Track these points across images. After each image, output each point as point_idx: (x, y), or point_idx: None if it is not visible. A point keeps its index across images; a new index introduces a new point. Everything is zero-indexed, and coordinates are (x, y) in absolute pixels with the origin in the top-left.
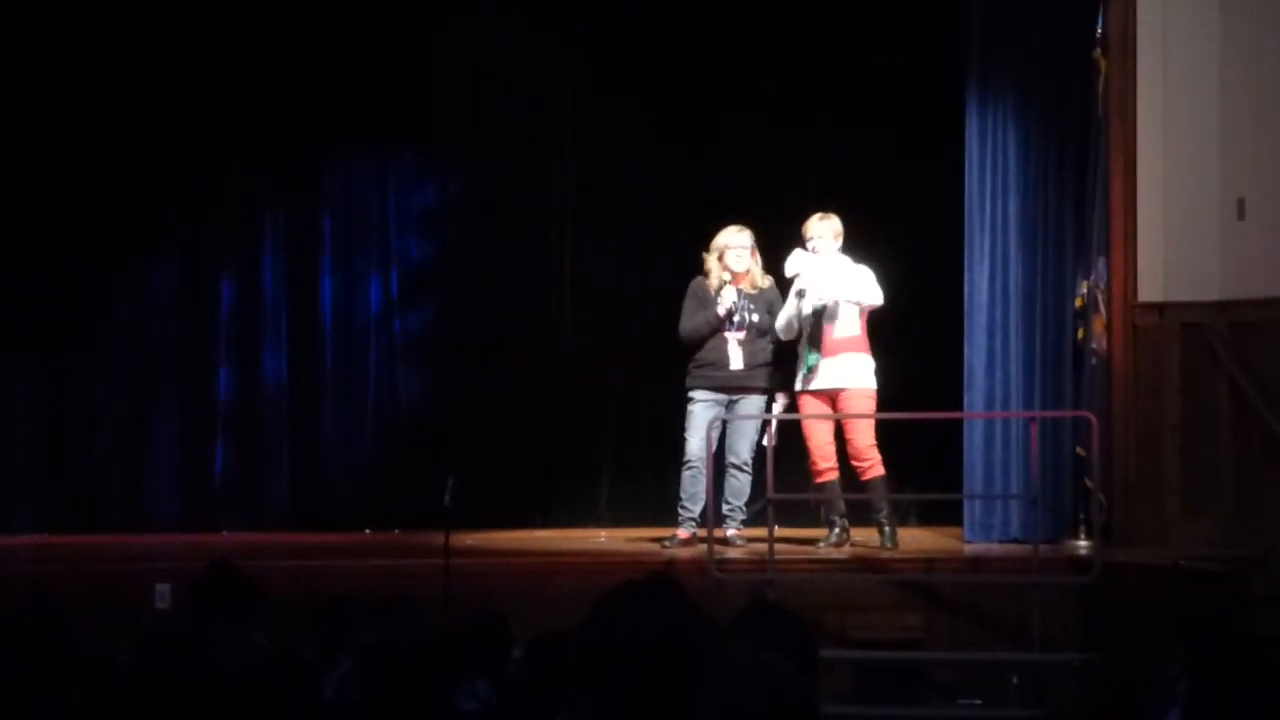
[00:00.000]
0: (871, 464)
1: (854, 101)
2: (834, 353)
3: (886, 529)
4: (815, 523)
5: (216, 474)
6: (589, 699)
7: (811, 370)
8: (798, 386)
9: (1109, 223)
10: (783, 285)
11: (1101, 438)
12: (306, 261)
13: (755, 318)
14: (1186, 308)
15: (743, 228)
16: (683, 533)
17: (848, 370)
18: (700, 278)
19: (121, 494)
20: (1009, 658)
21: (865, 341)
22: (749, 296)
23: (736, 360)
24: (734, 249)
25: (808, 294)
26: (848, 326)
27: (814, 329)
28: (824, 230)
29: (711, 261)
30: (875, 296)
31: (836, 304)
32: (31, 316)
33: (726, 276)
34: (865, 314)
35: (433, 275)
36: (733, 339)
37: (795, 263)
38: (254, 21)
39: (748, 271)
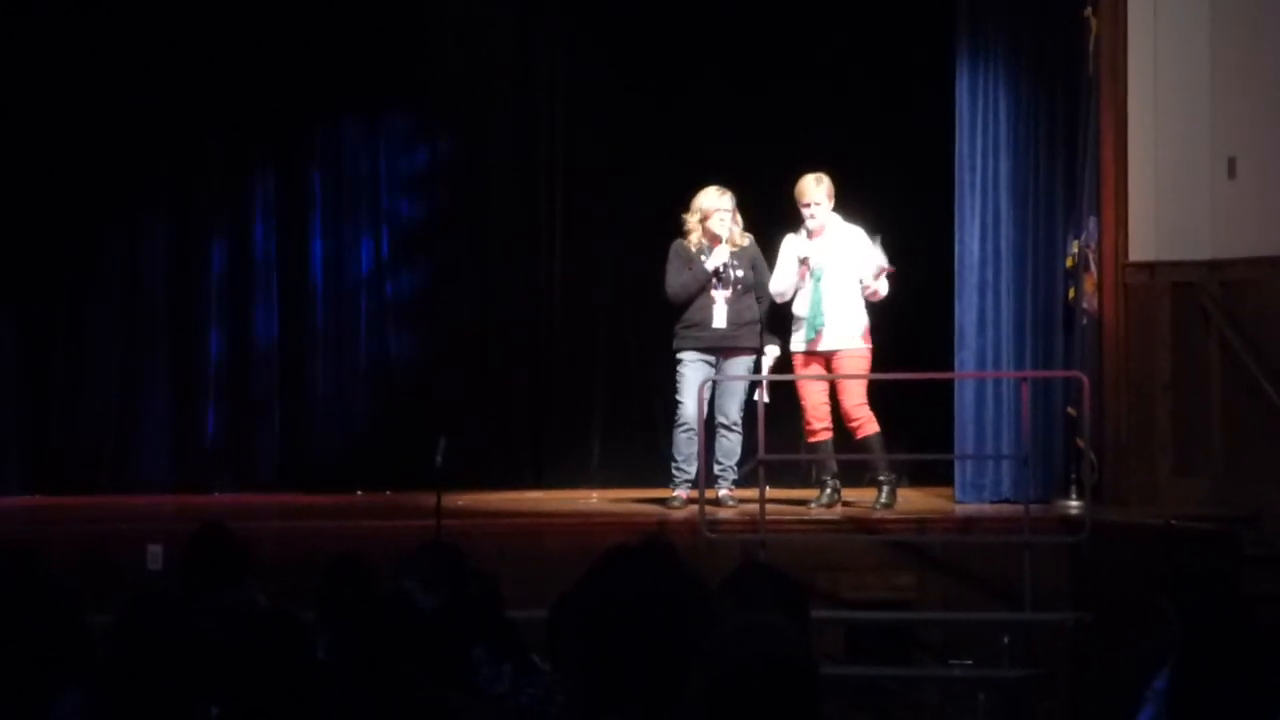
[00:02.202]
0: (861, 422)
1: (843, 60)
2: (831, 315)
3: (885, 488)
4: (807, 483)
5: (208, 435)
6: (584, 662)
7: (817, 333)
8: (794, 347)
9: (1100, 182)
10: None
11: (1092, 397)
12: (297, 222)
13: (740, 273)
14: (1177, 267)
15: (724, 189)
16: (683, 493)
17: (843, 331)
18: (680, 239)
19: (112, 455)
20: (1000, 618)
21: (861, 303)
22: (732, 254)
23: (721, 319)
24: (719, 212)
25: (822, 277)
26: (845, 289)
27: (813, 292)
28: (820, 195)
29: (693, 222)
30: (883, 286)
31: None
32: (18, 274)
33: (715, 239)
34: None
35: (423, 237)
36: (720, 298)
37: (801, 247)
38: None
39: (730, 234)
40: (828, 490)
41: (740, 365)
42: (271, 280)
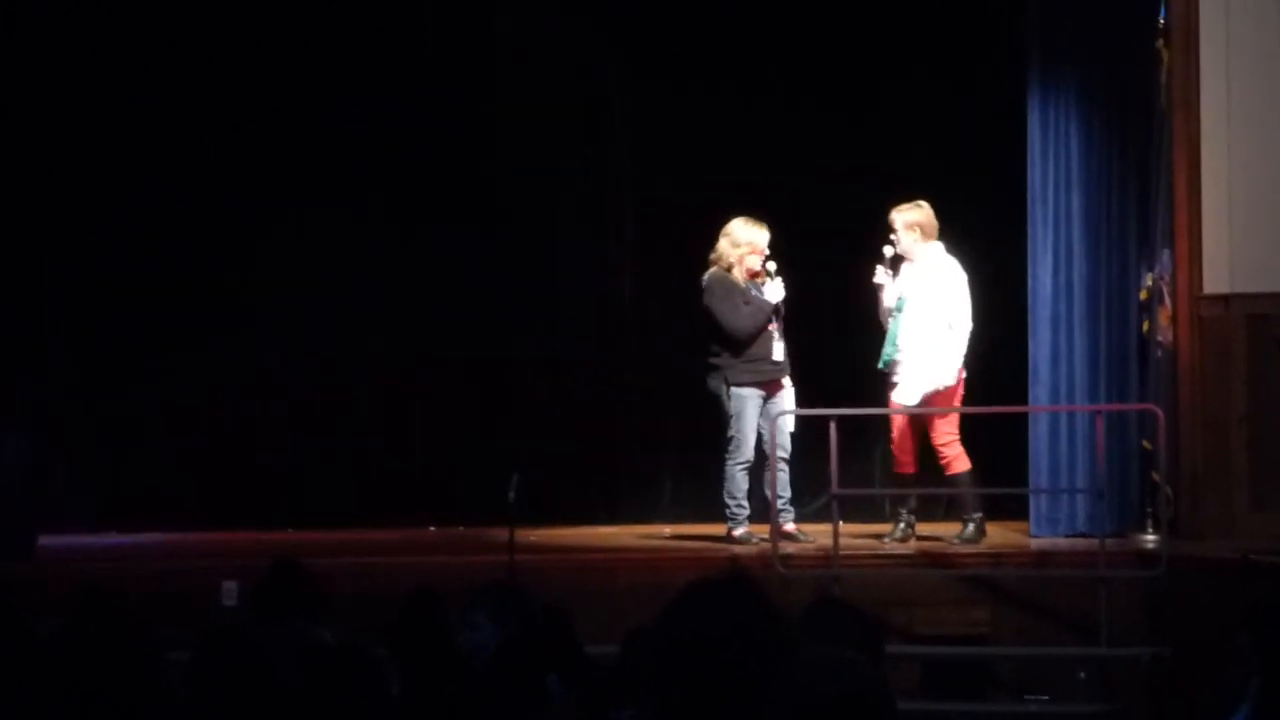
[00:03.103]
0: (950, 459)
1: (916, 93)
2: (906, 348)
3: (969, 525)
4: (880, 518)
5: (282, 471)
6: (665, 694)
7: (889, 365)
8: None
9: (1173, 214)
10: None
11: (1168, 430)
12: (361, 251)
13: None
14: (1252, 299)
15: (762, 223)
16: (745, 530)
17: (919, 366)
18: (719, 271)
19: (187, 491)
20: (1076, 653)
21: (945, 337)
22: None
23: (779, 352)
24: (761, 248)
25: (903, 308)
26: (924, 323)
27: (892, 323)
28: (898, 223)
29: (737, 255)
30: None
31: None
32: (94, 311)
33: (771, 267)
34: None
35: (493, 270)
36: (775, 330)
37: (878, 273)
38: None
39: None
40: (901, 525)
41: (789, 397)
42: (346, 318)
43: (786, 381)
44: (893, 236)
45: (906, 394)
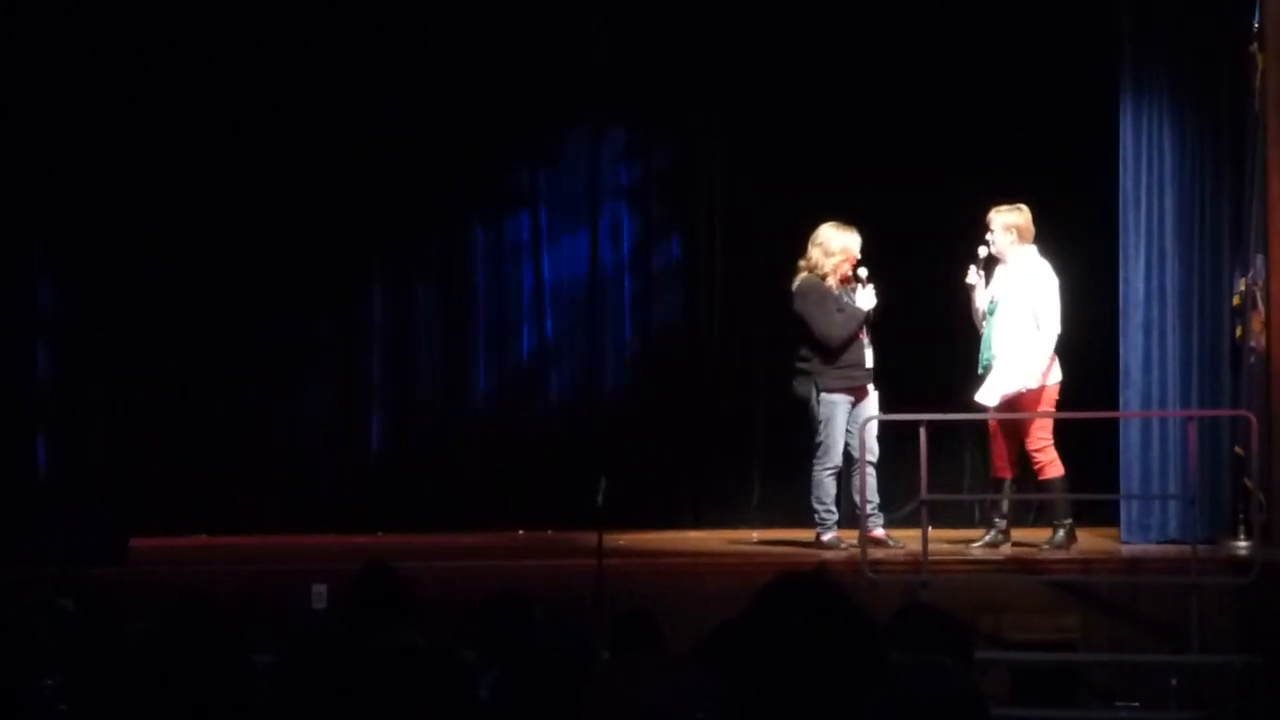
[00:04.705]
0: (1043, 465)
1: (1008, 97)
2: (1001, 352)
3: (1060, 531)
4: (970, 523)
5: (373, 475)
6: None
7: (985, 369)
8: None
9: (1267, 219)
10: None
11: (1261, 437)
12: (456, 259)
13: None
14: None
15: (851, 227)
16: (835, 535)
17: (1015, 370)
18: (813, 278)
19: (278, 494)
20: (1167, 660)
21: (1040, 340)
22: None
23: (869, 359)
24: (855, 253)
25: (995, 311)
26: (1019, 326)
27: (987, 327)
28: (996, 224)
29: (831, 263)
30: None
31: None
32: (189, 313)
33: (863, 273)
34: None
35: (581, 273)
36: (865, 338)
37: (970, 274)
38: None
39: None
40: (993, 531)
41: (875, 401)
42: (433, 322)
43: (871, 387)
44: (989, 237)
45: (987, 395)
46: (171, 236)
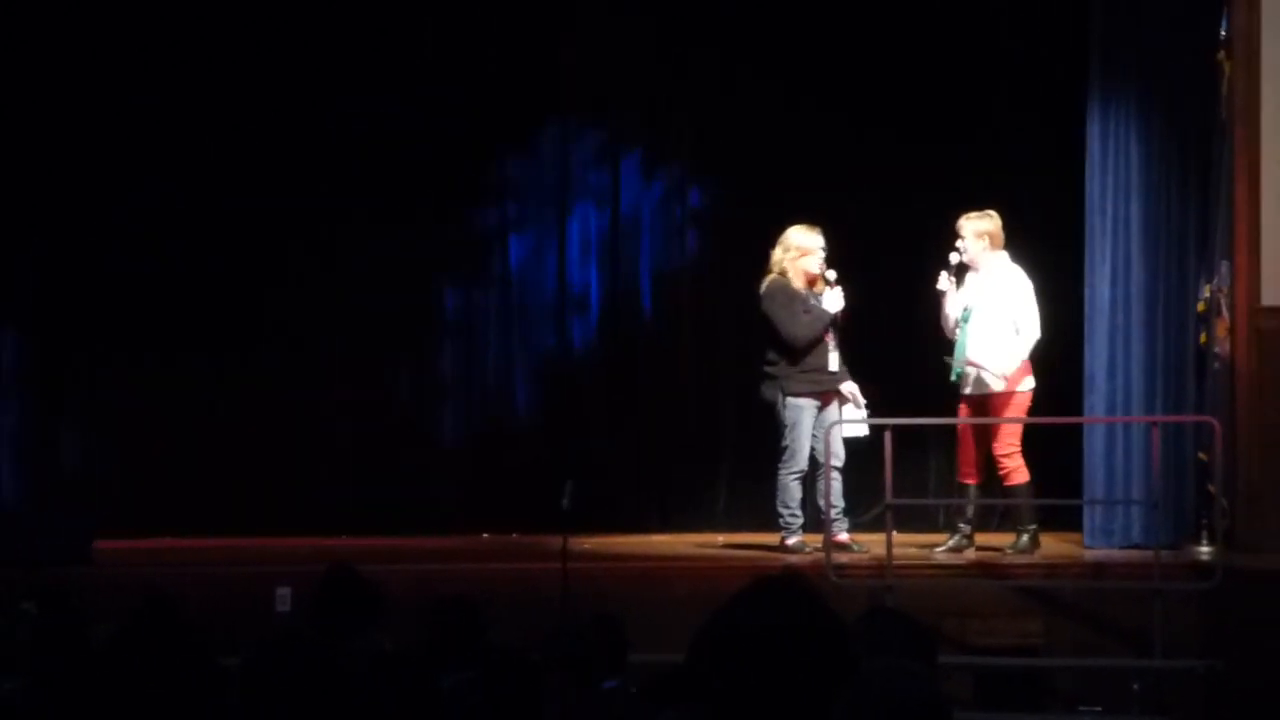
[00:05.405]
0: (1009, 470)
1: (974, 104)
2: (975, 358)
3: (1024, 536)
4: (935, 528)
5: (336, 477)
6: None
7: (960, 376)
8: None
9: (1232, 226)
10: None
11: (1224, 442)
12: (420, 262)
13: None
14: None
15: (815, 227)
16: (809, 538)
17: (988, 375)
18: (780, 280)
19: (243, 496)
20: (1130, 664)
21: (1014, 346)
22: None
23: (834, 362)
24: (817, 251)
25: (969, 318)
26: (993, 332)
27: (960, 333)
28: (966, 230)
29: (788, 260)
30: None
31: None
32: (158, 315)
33: (830, 275)
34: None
35: (548, 276)
36: (831, 341)
37: (941, 280)
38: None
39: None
40: (957, 535)
41: (837, 407)
42: (397, 325)
43: (852, 390)
44: (959, 244)
45: (1007, 392)
46: (125, 236)
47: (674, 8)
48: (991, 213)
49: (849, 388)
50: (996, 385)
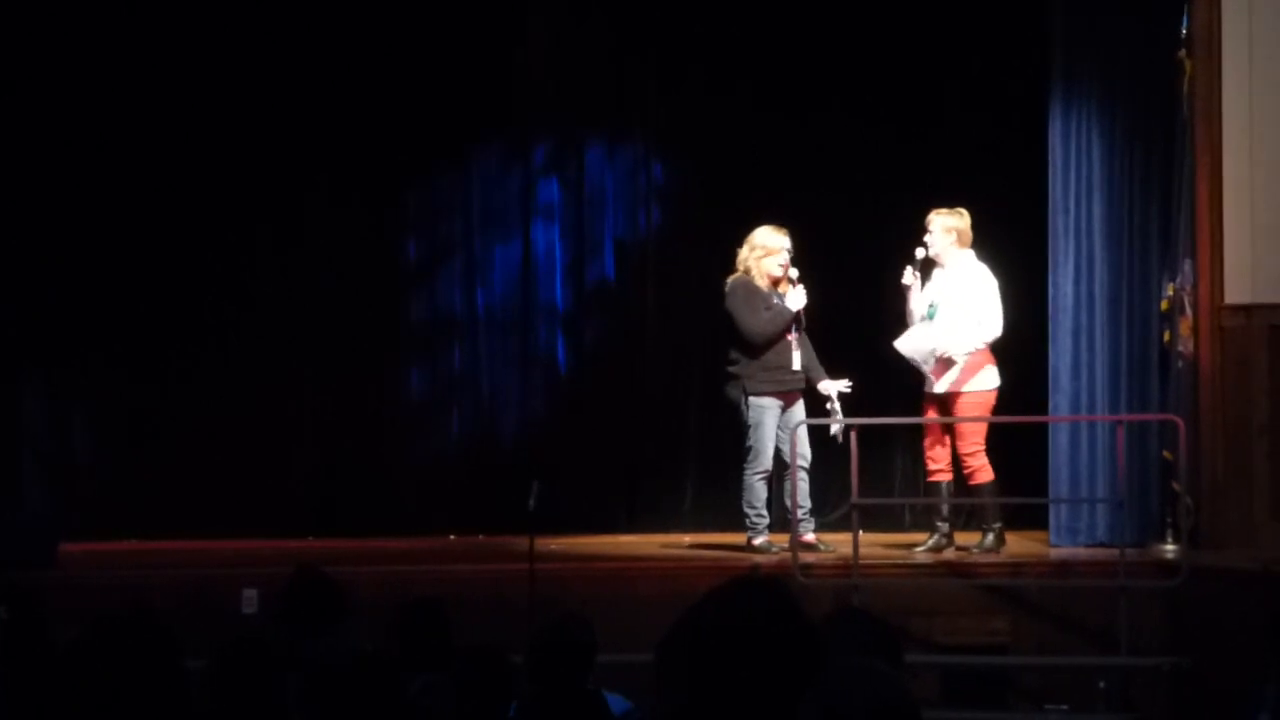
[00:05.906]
0: (974, 470)
1: (936, 103)
2: (941, 355)
3: (990, 535)
4: (900, 527)
5: (302, 479)
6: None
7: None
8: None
9: (1195, 224)
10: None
11: (1188, 441)
12: (388, 266)
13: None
14: (1274, 309)
15: (782, 228)
16: (766, 539)
17: (953, 374)
18: (743, 277)
19: (209, 498)
20: (1096, 662)
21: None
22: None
23: (796, 361)
24: (782, 251)
25: (934, 316)
26: (958, 330)
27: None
28: (935, 226)
29: (752, 259)
30: (971, 341)
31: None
32: (122, 316)
33: (793, 274)
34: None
35: (515, 278)
36: (794, 339)
37: (906, 274)
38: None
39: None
40: (936, 535)
41: (802, 407)
42: (366, 328)
43: (829, 388)
44: (927, 239)
45: (971, 391)
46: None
47: (635, 6)
48: (963, 210)
49: (826, 386)
50: (960, 361)
